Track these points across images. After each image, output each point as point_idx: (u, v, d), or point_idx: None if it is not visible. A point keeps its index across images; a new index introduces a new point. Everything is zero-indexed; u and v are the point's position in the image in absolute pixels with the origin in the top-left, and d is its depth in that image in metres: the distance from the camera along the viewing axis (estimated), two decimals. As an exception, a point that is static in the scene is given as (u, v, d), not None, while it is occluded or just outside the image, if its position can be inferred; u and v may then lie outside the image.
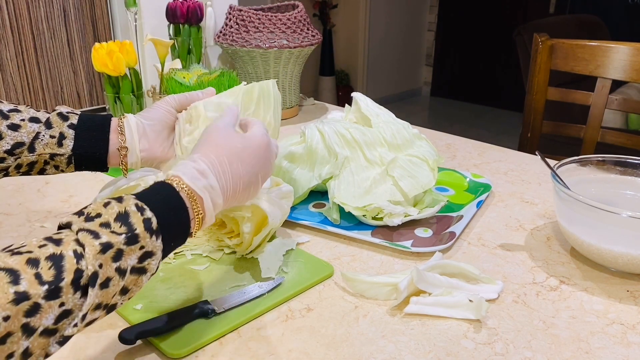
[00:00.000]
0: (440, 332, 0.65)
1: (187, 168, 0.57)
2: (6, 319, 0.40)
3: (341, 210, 0.87)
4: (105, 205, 0.49)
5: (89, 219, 0.48)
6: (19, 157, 0.68)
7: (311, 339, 0.63)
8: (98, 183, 1.03)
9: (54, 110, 0.71)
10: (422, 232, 0.85)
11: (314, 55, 4.49)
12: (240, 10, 1.37)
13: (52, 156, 0.69)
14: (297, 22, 1.38)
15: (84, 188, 1.01)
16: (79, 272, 0.44)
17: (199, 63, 1.35)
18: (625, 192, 0.85)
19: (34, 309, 0.42)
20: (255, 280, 0.72)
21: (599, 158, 0.87)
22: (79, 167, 0.71)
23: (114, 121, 0.72)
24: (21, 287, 0.41)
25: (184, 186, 0.55)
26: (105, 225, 0.48)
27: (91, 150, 0.70)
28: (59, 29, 1.39)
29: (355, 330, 0.65)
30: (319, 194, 0.97)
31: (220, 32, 1.41)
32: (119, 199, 0.50)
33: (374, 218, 0.87)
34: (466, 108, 4.91)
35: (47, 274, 0.43)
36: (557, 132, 1.46)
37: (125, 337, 0.60)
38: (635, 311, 0.69)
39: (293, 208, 0.90)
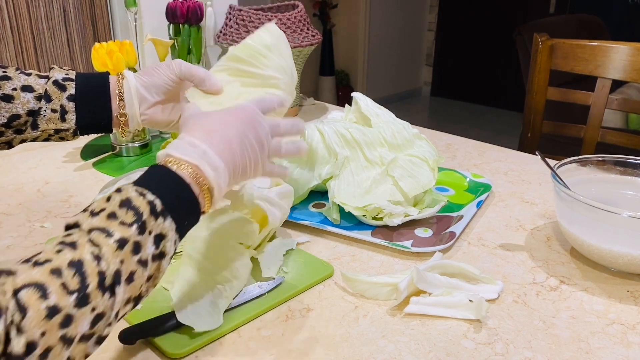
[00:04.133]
0: (440, 332, 0.64)
1: (176, 144, 0.55)
2: (43, 334, 0.40)
3: (341, 210, 0.87)
4: (108, 199, 0.49)
5: (94, 214, 0.48)
6: (22, 133, 0.67)
7: (311, 339, 0.63)
8: (98, 183, 1.03)
9: (48, 77, 0.68)
10: (422, 232, 0.85)
11: (314, 55, 4.49)
12: (240, 10, 1.37)
13: (57, 131, 0.68)
14: (297, 22, 1.38)
15: (84, 188, 1.01)
16: (101, 275, 0.44)
17: (199, 63, 1.35)
18: (625, 192, 0.85)
19: (68, 320, 0.42)
20: (255, 280, 0.72)
21: (599, 158, 0.87)
22: (83, 134, 0.71)
23: (113, 83, 0.70)
24: (51, 301, 0.41)
25: (176, 160, 0.53)
26: (112, 215, 0.48)
27: (94, 120, 0.70)
28: (58, 28, 1.39)
29: (355, 331, 0.65)
30: (319, 194, 0.97)
31: (220, 32, 1.41)
32: (118, 190, 0.50)
33: (374, 218, 0.87)
34: (466, 108, 4.90)
35: (72, 282, 0.42)
36: (557, 132, 1.46)
37: (125, 337, 0.60)
38: (635, 311, 0.69)
39: (293, 208, 0.90)
